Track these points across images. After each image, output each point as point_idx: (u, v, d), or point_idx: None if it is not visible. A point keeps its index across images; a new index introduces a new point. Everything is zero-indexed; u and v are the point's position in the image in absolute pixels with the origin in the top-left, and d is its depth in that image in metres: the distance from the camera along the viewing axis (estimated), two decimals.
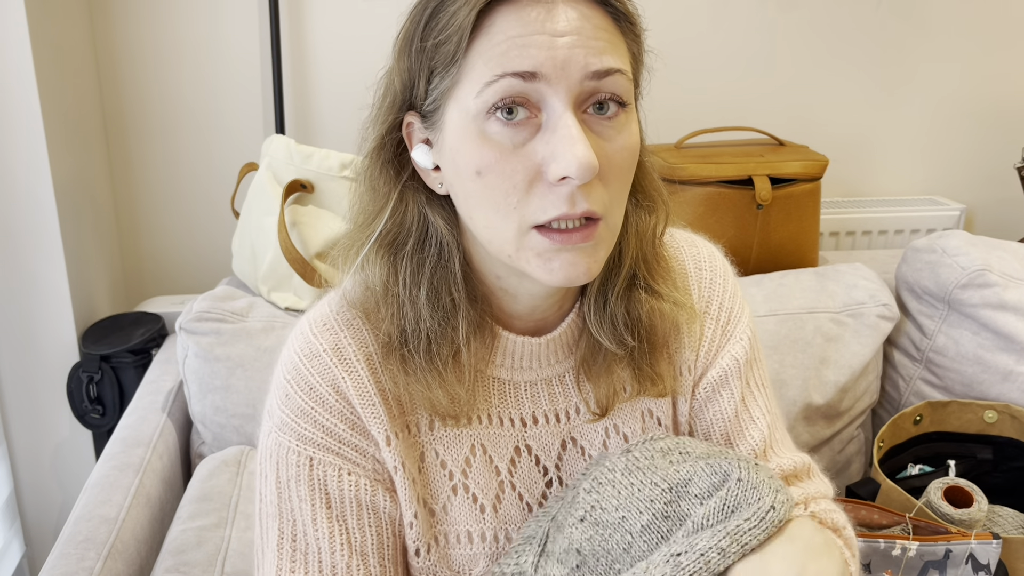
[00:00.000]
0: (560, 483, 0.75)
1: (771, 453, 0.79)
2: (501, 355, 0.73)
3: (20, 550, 1.57)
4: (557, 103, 0.60)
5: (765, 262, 1.54)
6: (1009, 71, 1.91)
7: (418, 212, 0.68)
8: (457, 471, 0.73)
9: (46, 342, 1.49)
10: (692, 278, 0.79)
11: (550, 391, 0.75)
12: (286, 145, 1.38)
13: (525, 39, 0.59)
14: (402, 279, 0.68)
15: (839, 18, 1.80)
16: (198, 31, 1.61)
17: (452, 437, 0.73)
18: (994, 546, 1.07)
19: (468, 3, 0.60)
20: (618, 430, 0.76)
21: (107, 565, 1.02)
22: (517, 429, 0.74)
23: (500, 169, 0.61)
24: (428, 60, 0.63)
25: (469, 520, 0.72)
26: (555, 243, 0.61)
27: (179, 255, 1.72)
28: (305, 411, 0.69)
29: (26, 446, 1.54)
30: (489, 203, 0.62)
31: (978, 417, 1.33)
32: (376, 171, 0.69)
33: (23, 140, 1.38)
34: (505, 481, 0.73)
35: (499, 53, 0.59)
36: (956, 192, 1.98)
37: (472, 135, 0.61)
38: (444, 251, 0.68)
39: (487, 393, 0.74)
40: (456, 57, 0.61)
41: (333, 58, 1.65)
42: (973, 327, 1.39)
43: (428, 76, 0.63)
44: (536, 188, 0.61)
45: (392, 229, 0.68)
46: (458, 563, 0.72)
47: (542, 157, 0.60)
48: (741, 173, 1.50)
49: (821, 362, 1.41)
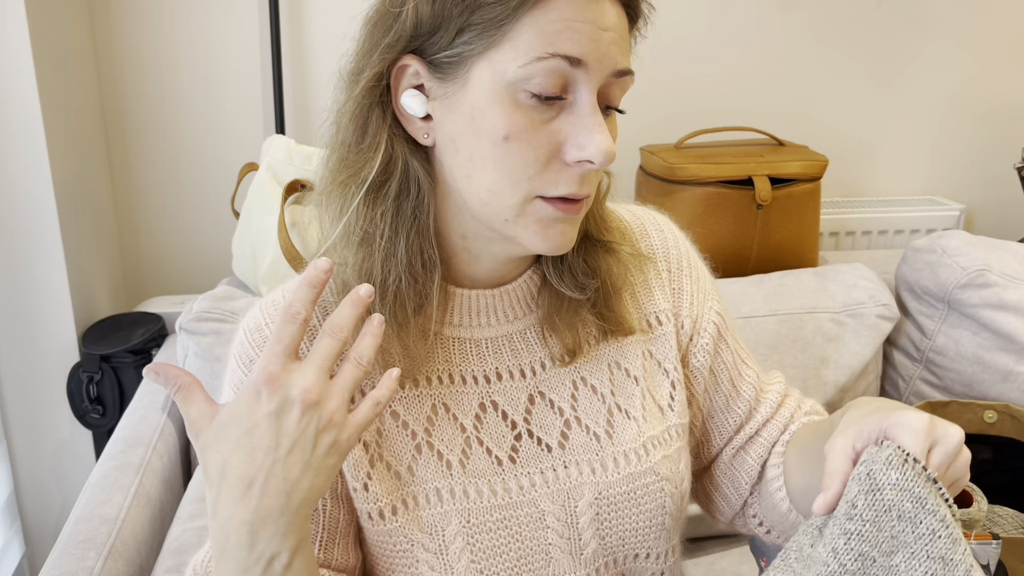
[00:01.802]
0: (531, 436, 0.75)
1: (763, 384, 0.87)
2: (458, 314, 0.74)
3: (20, 550, 1.57)
4: (587, 92, 0.63)
5: (765, 262, 1.54)
6: (1009, 71, 1.91)
7: (403, 160, 0.67)
8: (420, 430, 0.72)
9: (46, 342, 1.49)
10: (654, 238, 0.83)
11: (512, 347, 0.76)
12: (286, 145, 1.38)
13: (580, 25, 0.61)
14: (382, 227, 0.68)
15: (839, 18, 1.80)
16: (198, 31, 1.61)
17: (412, 398, 0.73)
18: (994, 546, 1.07)
19: None
20: (586, 382, 0.77)
21: (107, 565, 1.02)
22: (481, 386, 0.75)
23: (528, 139, 0.63)
24: (467, 14, 0.62)
25: (436, 477, 0.72)
26: (559, 212, 0.65)
27: (179, 255, 1.72)
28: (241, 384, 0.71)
29: (26, 446, 1.54)
30: (504, 168, 0.64)
31: (978, 417, 1.33)
32: (365, 112, 0.67)
33: (23, 140, 1.38)
34: (471, 436, 0.73)
35: (554, 31, 0.61)
36: (956, 192, 1.98)
37: (505, 100, 0.63)
38: (422, 203, 0.68)
39: (446, 353, 0.74)
40: (504, 22, 0.61)
41: (333, 58, 1.65)
42: (973, 327, 1.39)
43: (459, 30, 0.62)
44: (552, 164, 0.64)
45: (379, 174, 0.67)
46: (429, 524, 0.71)
47: (564, 136, 0.64)
48: (741, 173, 1.50)
49: (821, 362, 1.41)
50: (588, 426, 0.76)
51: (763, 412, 0.85)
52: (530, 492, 0.73)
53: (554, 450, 0.75)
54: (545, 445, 0.75)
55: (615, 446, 0.75)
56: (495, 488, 0.73)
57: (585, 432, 0.75)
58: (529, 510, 0.73)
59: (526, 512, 0.73)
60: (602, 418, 0.76)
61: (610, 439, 0.75)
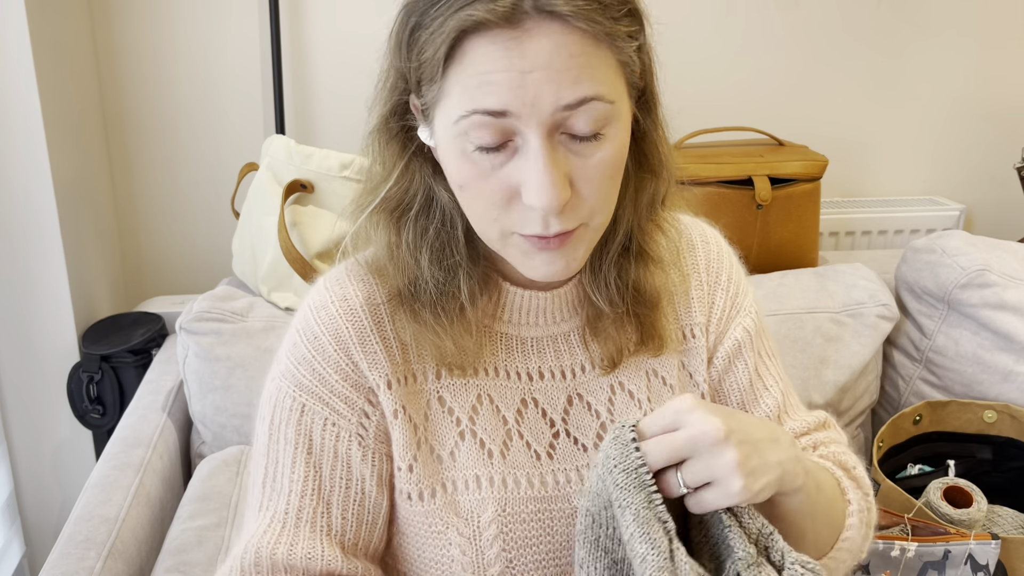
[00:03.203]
0: (568, 435, 0.76)
1: (785, 418, 0.83)
2: (508, 310, 0.77)
3: (20, 550, 1.57)
4: (529, 135, 0.61)
5: (765, 262, 1.54)
6: (1009, 71, 1.91)
7: (423, 183, 0.71)
8: (464, 417, 0.74)
9: (46, 342, 1.49)
10: (699, 251, 0.83)
11: (555, 348, 0.78)
12: (286, 145, 1.38)
13: (494, 75, 0.59)
14: (405, 243, 0.72)
15: (839, 18, 1.80)
16: (198, 31, 1.61)
17: (459, 386, 0.75)
18: (993, 546, 1.07)
19: (441, 32, 0.60)
20: (623, 387, 0.79)
21: (107, 565, 1.02)
22: (524, 383, 0.77)
23: (479, 188, 0.64)
24: (415, 71, 0.64)
25: (477, 465, 0.73)
26: (535, 247, 0.66)
27: (179, 255, 1.72)
28: (306, 359, 0.73)
29: (26, 446, 1.54)
30: (471, 211, 0.67)
31: (978, 417, 1.33)
32: (382, 143, 0.71)
33: (23, 140, 1.38)
34: (512, 429, 0.75)
35: (471, 87, 0.60)
36: (956, 192, 1.98)
37: (455, 151, 0.64)
38: (448, 219, 0.72)
39: (494, 347, 0.77)
40: (435, 79, 0.62)
41: (333, 58, 1.65)
42: (973, 327, 1.39)
43: (418, 82, 0.65)
44: (515, 204, 0.64)
45: (396, 196, 0.72)
46: (467, 509, 0.72)
47: (516, 180, 0.63)
48: (741, 173, 1.50)
49: (821, 362, 1.41)
50: None
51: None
52: (565, 488, 0.75)
53: (590, 451, 0.77)
54: (581, 445, 0.77)
55: None
56: (532, 480, 0.74)
57: None
58: (563, 505, 0.74)
59: (559, 507, 0.74)
60: None
61: None
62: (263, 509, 0.72)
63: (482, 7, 0.58)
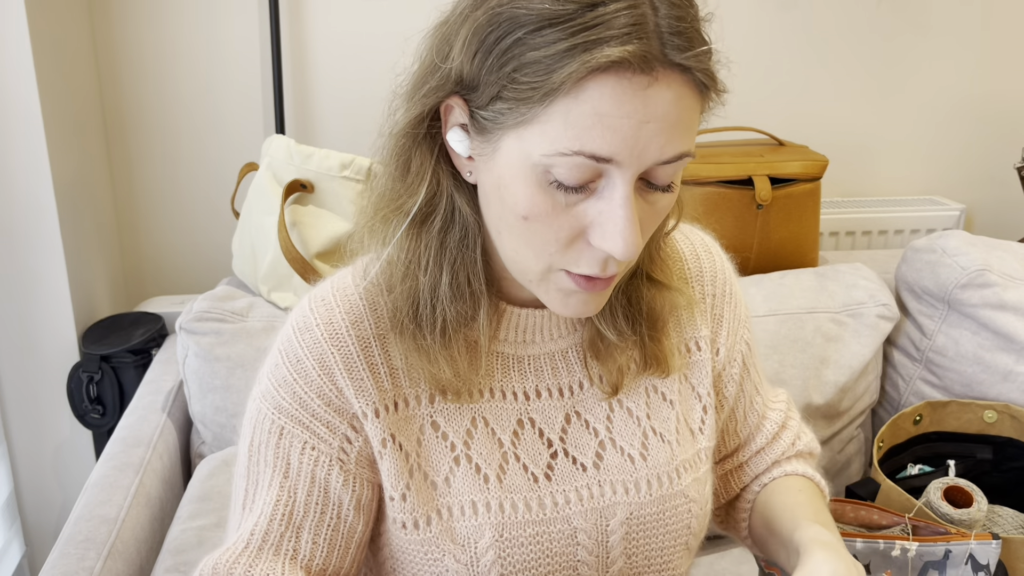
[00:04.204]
0: (566, 455, 0.75)
1: (766, 409, 0.88)
2: (506, 330, 0.74)
3: (20, 550, 1.57)
4: (619, 182, 0.59)
5: (765, 262, 1.54)
6: (1009, 71, 1.91)
7: (447, 194, 0.67)
8: (459, 442, 0.72)
9: (46, 342, 1.49)
10: (690, 265, 0.82)
11: (553, 365, 0.76)
12: (286, 145, 1.38)
13: (615, 121, 0.56)
14: (424, 261, 0.68)
15: (839, 18, 1.80)
16: (198, 31, 1.61)
17: (453, 410, 0.73)
18: (993, 546, 1.07)
19: (565, 62, 0.55)
20: (622, 404, 0.77)
21: (107, 565, 1.02)
22: (520, 403, 0.75)
23: (548, 222, 0.61)
24: (500, 83, 0.59)
25: (473, 490, 0.72)
26: (579, 287, 0.64)
27: (179, 255, 1.72)
28: (287, 382, 0.71)
29: (26, 446, 1.54)
30: (525, 243, 0.63)
31: (978, 417, 1.33)
32: (410, 144, 0.67)
33: (23, 140, 1.38)
34: (508, 452, 0.73)
35: (584, 127, 0.57)
36: (956, 192, 1.98)
37: (528, 180, 0.60)
38: (468, 236, 0.68)
39: (490, 368, 0.74)
40: (534, 105, 0.58)
41: (333, 57, 1.65)
42: (973, 327, 1.39)
43: (493, 98, 0.60)
44: (576, 244, 0.62)
45: (422, 207, 0.67)
46: (463, 536, 0.71)
47: (590, 221, 0.61)
48: (741, 173, 1.50)
49: (821, 362, 1.41)
50: (623, 447, 0.76)
51: (758, 441, 0.88)
52: (564, 509, 0.73)
53: (588, 470, 0.75)
54: (580, 464, 0.75)
55: (649, 468, 0.76)
56: (530, 503, 0.73)
57: (619, 453, 0.76)
58: (562, 527, 0.73)
59: (558, 528, 0.73)
60: (637, 440, 0.76)
61: (644, 461, 0.76)
62: (237, 529, 0.72)
63: (618, 46, 0.55)
